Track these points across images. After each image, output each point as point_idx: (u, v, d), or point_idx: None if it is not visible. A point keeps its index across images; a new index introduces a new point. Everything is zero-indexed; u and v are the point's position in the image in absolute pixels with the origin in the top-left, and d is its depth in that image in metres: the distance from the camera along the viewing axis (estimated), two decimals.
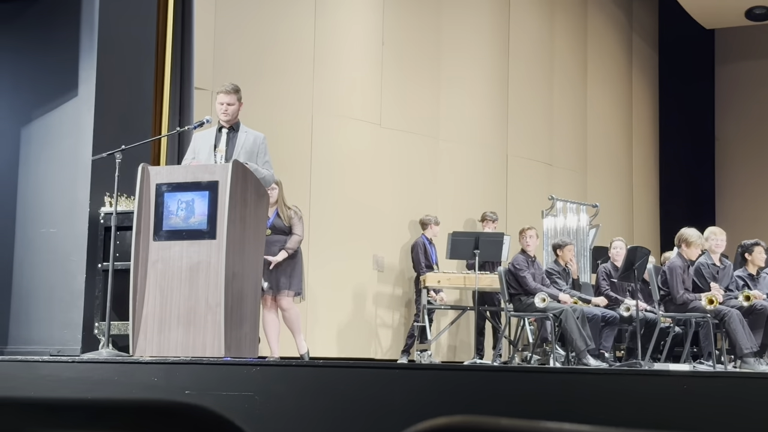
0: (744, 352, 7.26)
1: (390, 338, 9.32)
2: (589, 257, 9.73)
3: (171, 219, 4.90)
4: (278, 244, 6.80)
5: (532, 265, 8.01)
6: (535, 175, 10.73)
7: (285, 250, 6.78)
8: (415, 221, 9.42)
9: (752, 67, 13.65)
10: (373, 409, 3.97)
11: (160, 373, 4.20)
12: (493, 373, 4.56)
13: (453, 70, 10.02)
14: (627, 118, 12.55)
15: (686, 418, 3.83)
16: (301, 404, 4.01)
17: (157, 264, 4.87)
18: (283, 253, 6.77)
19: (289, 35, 8.79)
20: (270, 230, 6.81)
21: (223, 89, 5.49)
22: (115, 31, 6.42)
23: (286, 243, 6.81)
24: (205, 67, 7.94)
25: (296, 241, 6.86)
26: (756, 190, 13.38)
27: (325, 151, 8.90)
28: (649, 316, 7.86)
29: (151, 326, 4.82)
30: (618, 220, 11.65)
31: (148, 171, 4.99)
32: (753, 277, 7.95)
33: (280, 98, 8.67)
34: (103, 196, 6.12)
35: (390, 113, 9.46)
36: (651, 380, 4.08)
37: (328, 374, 4.09)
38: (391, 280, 9.35)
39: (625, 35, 12.67)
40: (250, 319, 5.03)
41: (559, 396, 4.02)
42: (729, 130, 13.75)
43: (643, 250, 7.66)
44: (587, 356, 7.38)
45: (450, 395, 4.04)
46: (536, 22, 11.00)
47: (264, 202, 5.32)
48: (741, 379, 4.39)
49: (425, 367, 5.78)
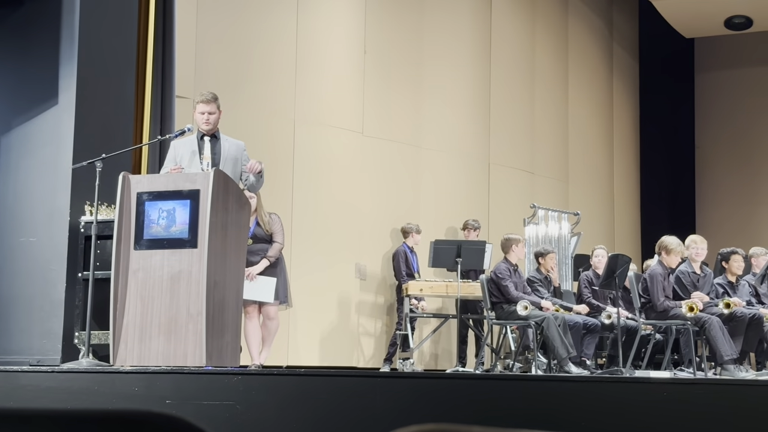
0: (724, 359, 7.30)
1: (372, 346, 9.31)
2: (570, 265, 9.77)
3: (152, 228, 4.88)
4: (260, 253, 6.77)
5: (514, 274, 8.03)
6: (517, 184, 10.77)
7: (266, 259, 6.75)
8: (396, 229, 9.43)
9: (732, 76, 13.77)
10: (355, 418, 3.96)
11: (141, 383, 4.18)
12: (475, 381, 4.57)
13: (435, 78, 10.05)
14: (608, 127, 12.62)
15: (667, 425, 3.85)
16: (283, 413, 4.00)
17: (137, 273, 4.84)
18: (264, 262, 6.75)
19: (271, 43, 8.79)
20: (251, 239, 6.78)
21: (202, 98, 5.49)
22: (96, 39, 6.39)
23: (267, 252, 6.79)
24: (187, 76, 7.92)
25: (277, 249, 6.83)
26: (736, 198, 13.48)
27: (307, 159, 8.89)
28: (630, 324, 7.89)
29: (132, 335, 4.79)
30: (599, 228, 11.70)
31: (129, 180, 4.97)
32: (732, 284, 8.00)
33: (261, 106, 8.66)
34: (83, 205, 6.08)
35: (372, 121, 9.47)
36: (632, 387, 4.09)
37: (309, 383, 4.08)
38: (373, 288, 9.35)
39: (606, 44, 12.75)
40: (232, 328, 5.02)
41: (541, 403, 4.03)
42: (709, 139, 13.85)
43: (624, 257, 7.70)
44: (569, 364, 7.40)
45: (432, 403, 4.04)
46: (518, 31, 11.05)
47: (246, 210, 5.31)
48: (721, 386, 4.41)
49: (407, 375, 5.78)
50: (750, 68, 13.64)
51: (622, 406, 3.94)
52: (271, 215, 6.91)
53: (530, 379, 5.57)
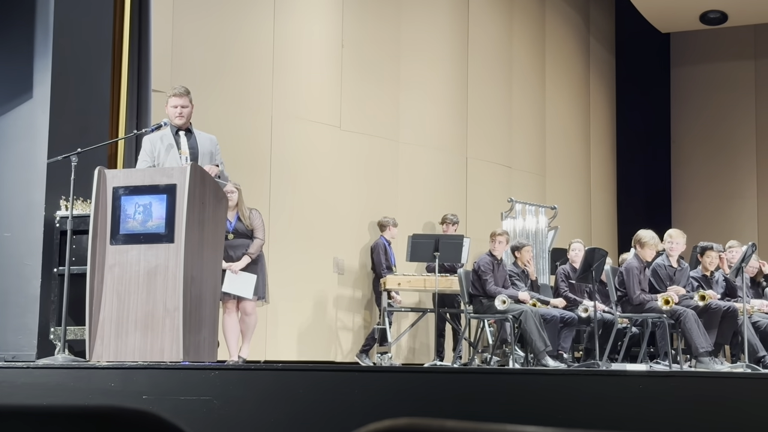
0: (699, 352, 7.36)
1: (350, 341, 9.31)
2: (547, 259, 9.82)
3: (128, 223, 4.85)
4: (241, 248, 6.76)
5: (498, 268, 8.05)
6: (495, 178, 10.79)
7: (248, 255, 6.74)
8: (374, 223, 9.43)
9: (707, 70, 13.86)
10: (333, 412, 3.96)
11: (117, 379, 4.16)
12: (453, 375, 4.58)
13: (412, 72, 10.05)
14: (585, 121, 12.68)
15: (643, 418, 3.87)
16: (261, 408, 3.99)
17: (114, 268, 4.82)
18: (246, 258, 6.74)
19: (248, 37, 8.75)
20: (233, 234, 6.78)
21: (175, 92, 5.47)
22: (71, 32, 6.34)
23: (248, 247, 6.77)
24: (163, 70, 7.88)
25: (258, 245, 6.82)
26: (711, 192, 13.59)
27: (285, 154, 8.87)
28: (607, 317, 7.94)
29: (108, 331, 4.77)
30: (576, 222, 11.76)
31: (105, 174, 4.94)
32: (707, 278, 8.07)
33: (239, 100, 8.63)
34: (58, 200, 6.04)
35: (350, 116, 9.46)
36: (608, 380, 4.12)
37: (287, 377, 4.08)
38: (351, 282, 9.35)
39: (583, 39, 12.80)
40: (209, 323, 5.00)
41: (518, 397, 4.04)
42: (684, 133, 13.94)
43: (600, 251, 7.74)
44: (546, 357, 7.44)
45: (410, 397, 4.05)
46: (495, 26, 11.07)
47: (223, 204, 5.29)
48: (696, 378, 4.45)
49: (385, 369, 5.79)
50: (725, 63, 13.74)
51: (599, 399, 3.96)
52: (252, 211, 6.91)
53: (508, 372, 5.60)
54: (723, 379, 4.36)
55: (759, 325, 7.84)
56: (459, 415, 3.89)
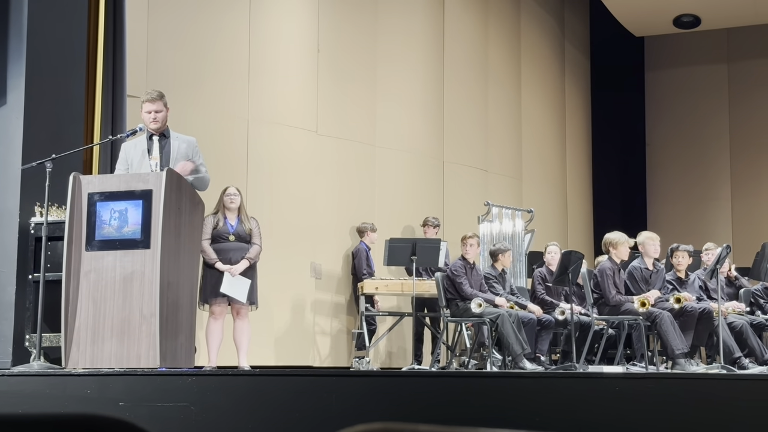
0: (675, 353, 7.41)
1: (328, 346, 9.30)
2: (524, 262, 9.85)
3: (104, 229, 4.83)
4: (240, 252, 6.77)
5: (471, 272, 8.07)
6: (471, 181, 10.82)
7: (247, 260, 6.75)
8: (354, 228, 9.43)
9: (681, 74, 13.98)
10: (311, 418, 3.96)
11: (94, 385, 4.13)
12: (431, 378, 4.58)
13: (389, 77, 10.06)
14: (560, 124, 12.74)
15: (620, 419, 3.90)
16: (238, 413, 3.98)
17: (89, 274, 4.79)
18: (245, 262, 6.75)
19: (224, 41, 8.73)
20: (233, 236, 6.80)
21: (148, 97, 5.46)
22: (45, 37, 6.30)
23: (247, 252, 6.79)
24: (138, 75, 7.84)
25: (257, 251, 6.85)
26: (686, 195, 13.70)
27: (261, 158, 8.85)
28: (584, 320, 7.98)
29: (84, 338, 4.74)
30: (552, 225, 11.81)
31: (80, 180, 4.91)
32: (681, 280, 8.13)
33: (215, 105, 8.60)
34: (33, 206, 5.99)
35: (326, 120, 9.46)
36: (585, 382, 4.14)
37: (264, 383, 4.07)
38: (328, 287, 9.33)
39: (558, 43, 12.87)
40: (186, 328, 4.98)
41: (496, 400, 4.05)
42: (659, 136, 14.05)
43: (577, 254, 7.78)
44: (523, 360, 7.46)
45: (388, 402, 4.05)
46: (470, 30, 11.11)
47: (199, 209, 5.28)
48: (672, 379, 4.48)
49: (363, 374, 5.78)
50: (698, 66, 13.86)
51: (576, 401, 3.98)
52: (251, 218, 6.95)
53: (485, 375, 5.61)
54: (699, 380, 4.39)
55: (734, 327, 7.90)
56: (437, 419, 3.90)
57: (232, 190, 6.95)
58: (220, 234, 6.80)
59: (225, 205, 6.89)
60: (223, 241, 6.78)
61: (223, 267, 6.68)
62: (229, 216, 6.88)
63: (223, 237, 6.80)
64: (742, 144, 13.45)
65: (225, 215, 6.88)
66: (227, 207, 6.88)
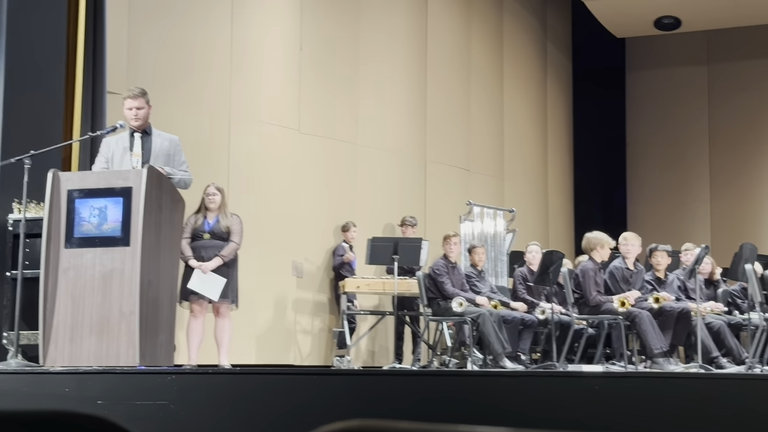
0: (654, 353, 7.45)
1: (309, 344, 9.28)
2: (505, 261, 9.87)
3: (83, 226, 4.79)
4: (215, 249, 6.75)
5: (452, 271, 8.08)
6: (453, 181, 10.83)
7: (220, 257, 6.72)
8: (338, 226, 9.43)
9: (661, 75, 14.06)
10: (291, 416, 3.95)
11: (72, 384, 4.10)
12: (411, 377, 4.59)
13: (371, 76, 10.05)
14: (542, 124, 12.78)
15: (599, 417, 3.91)
16: (218, 412, 3.96)
17: (68, 272, 4.75)
18: (217, 259, 6.71)
19: (205, 38, 8.69)
20: (208, 234, 6.77)
21: (130, 94, 5.43)
22: (24, 32, 6.25)
23: (221, 249, 6.76)
24: (119, 71, 7.79)
25: (232, 249, 6.81)
26: (665, 195, 13.77)
27: (243, 156, 8.82)
28: (564, 319, 8.00)
29: (63, 335, 4.70)
30: (534, 225, 11.84)
31: (59, 177, 4.87)
32: (660, 280, 8.17)
33: (196, 103, 8.56)
34: (11, 203, 5.95)
35: (308, 118, 9.44)
36: (565, 381, 4.16)
37: (244, 381, 4.06)
38: (309, 285, 9.32)
39: (540, 43, 12.90)
40: (166, 326, 4.96)
41: (476, 398, 4.06)
42: (639, 136, 14.12)
43: (557, 254, 7.81)
44: (504, 359, 7.47)
45: (369, 400, 4.04)
46: (453, 30, 11.12)
47: (179, 207, 5.25)
48: (651, 378, 4.51)
49: (344, 372, 5.78)
50: (678, 67, 13.94)
51: (556, 399, 3.99)
52: (233, 215, 6.92)
53: (466, 374, 5.62)
54: (677, 379, 4.42)
55: (712, 326, 7.95)
56: (418, 417, 3.90)
57: (212, 190, 6.94)
58: (197, 232, 6.79)
59: (205, 204, 6.88)
60: (199, 239, 6.77)
61: (195, 264, 6.66)
62: (209, 215, 6.87)
63: (199, 235, 6.78)
64: (721, 145, 13.54)
65: (206, 214, 6.87)
66: (207, 207, 6.87)
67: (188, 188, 5.54)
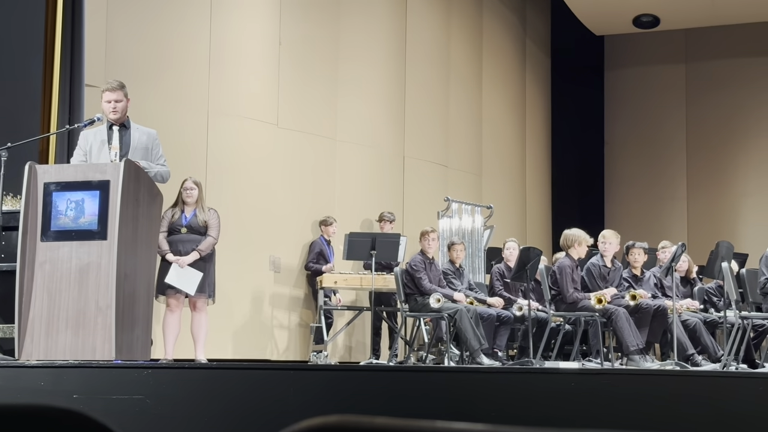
0: (630, 350, 7.50)
1: (286, 339, 9.27)
2: (483, 258, 9.90)
3: (60, 219, 4.76)
4: (192, 243, 6.74)
5: (430, 267, 8.09)
6: (431, 177, 10.85)
7: (197, 251, 6.70)
8: (316, 222, 9.41)
9: (639, 73, 14.14)
10: (268, 411, 3.94)
11: (48, 378, 4.08)
12: (388, 373, 4.59)
13: (350, 71, 10.04)
14: (521, 122, 12.82)
15: (575, 414, 3.93)
16: (194, 407, 3.95)
17: (44, 265, 4.72)
18: (194, 254, 6.70)
19: (184, 33, 8.65)
20: (186, 229, 6.76)
21: (108, 87, 5.40)
22: (2, 24, 6.20)
23: (199, 243, 6.74)
24: (97, 64, 7.74)
25: (210, 243, 6.80)
26: (643, 193, 13.85)
27: (222, 151, 8.79)
28: (541, 316, 8.04)
29: (38, 329, 4.68)
30: (511, 222, 11.88)
31: (36, 170, 4.84)
32: (636, 277, 8.23)
33: (174, 97, 8.52)
34: None
35: (287, 113, 9.42)
36: (541, 378, 4.18)
37: (221, 376, 4.05)
38: (287, 280, 9.30)
39: (519, 40, 12.93)
40: (143, 321, 4.94)
41: (453, 394, 4.07)
42: (617, 134, 14.20)
43: (535, 250, 7.84)
44: (481, 355, 7.50)
45: (346, 396, 4.05)
46: (433, 27, 11.12)
47: (157, 201, 5.23)
48: (627, 375, 4.54)
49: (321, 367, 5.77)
50: (657, 66, 14.03)
51: (532, 396, 4.01)
52: (210, 210, 6.90)
53: (443, 370, 5.64)
54: (653, 376, 4.45)
55: (688, 324, 8.02)
56: (395, 413, 3.91)
57: (189, 184, 6.92)
58: (174, 226, 6.77)
59: (183, 198, 6.86)
60: (176, 233, 6.76)
61: (172, 258, 6.64)
62: (186, 209, 6.86)
63: (176, 229, 6.77)
64: (698, 143, 13.64)
65: (183, 208, 6.85)
66: (185, 201, 6.85)
67: (166, 182, 5.53)
